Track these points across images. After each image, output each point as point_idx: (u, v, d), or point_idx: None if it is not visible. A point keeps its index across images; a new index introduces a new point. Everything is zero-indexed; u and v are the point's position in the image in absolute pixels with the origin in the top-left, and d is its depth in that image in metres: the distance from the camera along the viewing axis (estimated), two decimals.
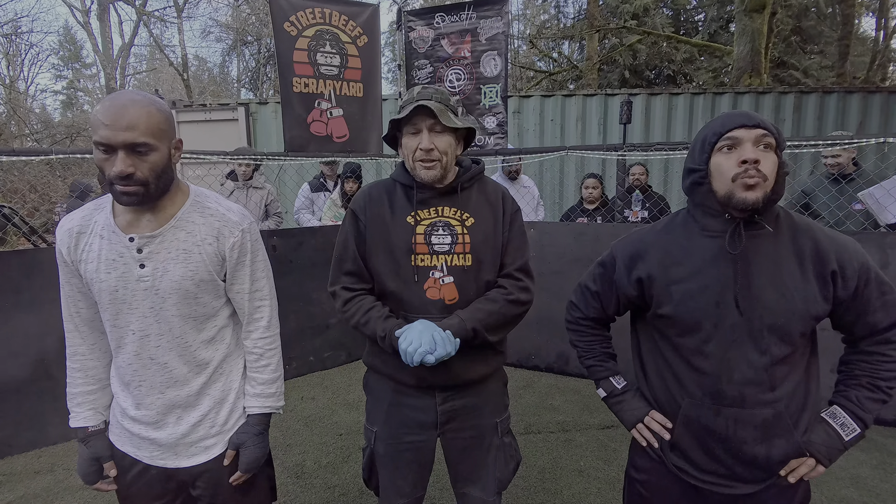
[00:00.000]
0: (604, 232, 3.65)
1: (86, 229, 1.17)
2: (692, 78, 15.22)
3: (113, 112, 1.03)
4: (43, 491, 2.43)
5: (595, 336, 1.39)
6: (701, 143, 1.12)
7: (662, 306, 1.17)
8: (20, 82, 19.35)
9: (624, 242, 1.29)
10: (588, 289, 1.36)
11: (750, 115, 1.07)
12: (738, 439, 1.11)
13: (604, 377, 1.36)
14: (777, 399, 1.09)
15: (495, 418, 1.49)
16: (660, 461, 1.25)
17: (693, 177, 1.14)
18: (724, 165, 1.07)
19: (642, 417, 1.27)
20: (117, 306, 1.16)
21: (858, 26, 14.95)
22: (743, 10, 9.33)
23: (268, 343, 1.33)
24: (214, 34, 21.50)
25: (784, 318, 1.07)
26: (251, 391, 1.32)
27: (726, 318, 1.10)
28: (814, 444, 1.11)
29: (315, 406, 3.35)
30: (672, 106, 7.29)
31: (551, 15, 17.98)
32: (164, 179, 1.12)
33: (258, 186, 4.35)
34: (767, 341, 1.08)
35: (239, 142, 7.07)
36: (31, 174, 10.21)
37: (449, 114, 1.33)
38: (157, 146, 1.08)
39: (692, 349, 1.14)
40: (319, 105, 3.91)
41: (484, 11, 4.05)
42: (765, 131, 1.05)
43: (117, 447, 1.26)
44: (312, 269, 3.83)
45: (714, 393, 1.12)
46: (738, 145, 1.06)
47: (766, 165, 1.04)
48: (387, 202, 1.41)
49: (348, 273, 1.42)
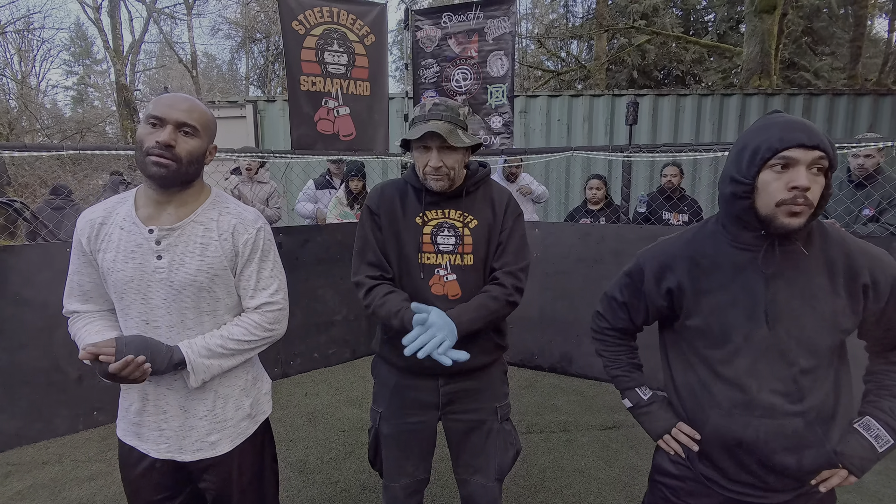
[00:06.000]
0: (609, 233, 3.65)
1: (107, 220, 1.22)
2: (701, 79, 15.12)
3: (173, 98, 1.19)
4: (51, 481, 2.47)
5: (621, 346, 1.38)
6: (751, 154, 1.03)
7: (692, 317, 1.16)
8: (32, 78, 19.55)
9: (651, 252, 1.26)
10: (615, 299, 1.33)
11: (810, 133, 0.97)
12: (769, 449, 1.09)
13: (630, 388, 1.35)
14: (806, 410, 1.07)
15: (495, 403, 1.55)
16: (688, 468, 1.24)
17: (736, 188, 1.06)
18: (773, 186, 1.00)
19: (669, 429, 1.25)
20: (131, 296, 1.19)
21: (871, 28, 14.79)
22: (753, 11, 9.26)
23: (255, 328, 1.27)
24: (224, 31, 21.62)
25: (812, 331, 1.06)
26: (203, 339, 1.22)
27: (755, 331, 1.08)
28: (847, 455, 1.09)
29: (318, 402, 3.38)
30: (680, 107, 7.25)
31: (560, 14, 17.93)
32: (193, 169, 1.21)
33: (263, 181, 4.43)
34: (795, 354, 1.06)
35: (247, 139, 7.11)
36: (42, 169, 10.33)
37: (458, 132, 1.38)
38: (200, 135, 1.20)
39: (720, 360, 1.13)
40: (326, 103, 3.94)
41: (491, 11, 4.05)
42: (822, 153, 0.97)
43: (125, 441, 1.29)
44: (318, 266, 3.86)
45: (743, 404, 1.11)
46: (792, 166, 0.98)
47: (814, 191, 0.98)
48: (399, 202, 1.49)
49: (370, 264, 1.48)
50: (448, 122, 1.37)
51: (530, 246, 4.13)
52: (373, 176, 4.80)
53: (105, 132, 19.01)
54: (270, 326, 1.29)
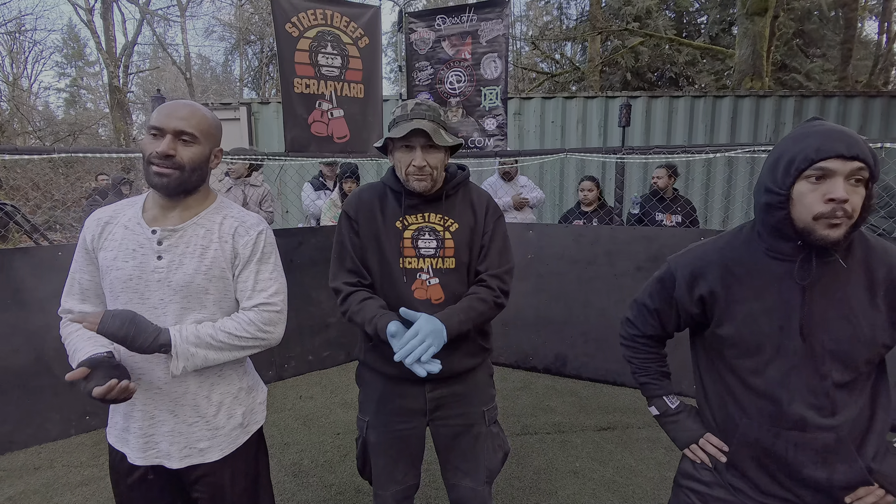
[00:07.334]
0: (602, 234, 3.66)
1: (113, 220, 1.24)
2: (694, 80, 15.22)
3: (172, 106, 1.20)
4: (42, 487, 2.45)
5: (651, 354, 1.35)
6: (787, 165, 0.99)
7: (723, 325, 1.14)
8: (23, 80, 19.41)
9: (684, 258, 1.23)
10: (646, 306, 1.31)
11: (849, 143, 0.94)
12: (798, 462, 1.07)
13: (657, 395, 1.33)
14: (839, 424, 1.05)
15: (482, 407, 1.55)
16: (717, 475, 1.22)
17: (770, 198, 1.03)
18: (809, 198, 0.97)
19: (696, 439, 1.24)
20: (128, 295, 1.19)
21: (861, 30, 14.94)
22: (745, 13, 9.34)
23: (249, 325, 1.24)
24: (217, 33, 21.60)
25: (848, 344, 1.03)
26: (194, 327, 1.19)
27: (788, 343, 1.06)
28: (885, 475, 1.07)
29: (313, 405, 3.37)
30: (672, 109, 7.30)
31: (554, 16, 18.00)
32: (197, 175, 1.22)
33: (255, 184, 4.44)
34: (829, 367, 1.04)
35: (241, 141, 7.09)
36: (34, 172, 10.25)
37: (441, 131, 1.39)
38: (200, 141, 1.21)
39: (751, 370, 1.11)
40: (320, 106, 3.94)
41: (485, 14, 4.07)
42: (862, 164, 0.94)
43: (116, 448, 1.28)
44: (312, 268, 3.85)
45: (773, 416, 1.09)
46: (830, 177, 0.95)
47: (853, 202, 0.95)
48: (378, 206, 1.48)
49: (348, 270, 1.48)
50: (431, 121, 1.37)
51: (524, 247, 4.14)
52: (367, 178, 4.81)
53: (98, 134, 18.92)
54: (265, 328, 1.26)
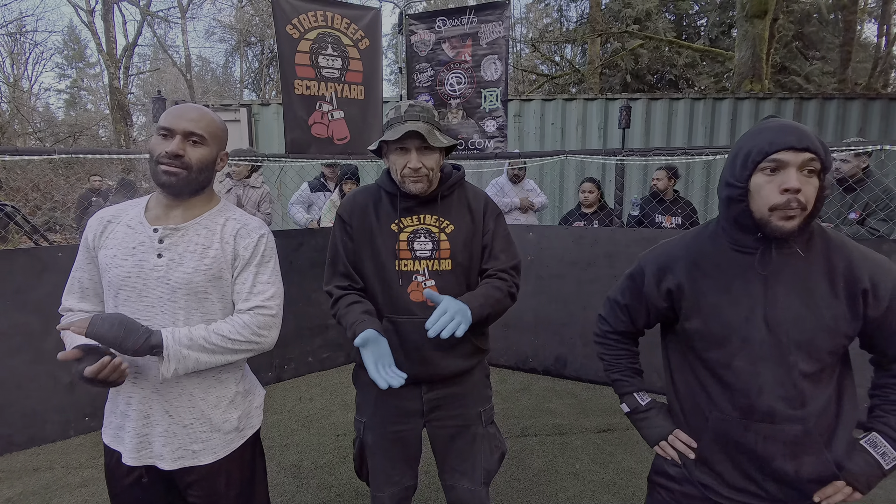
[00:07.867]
0: (602, 236, 3.66)
1: (116, 219, 1.26)
2: (694, 82, 15.25)
3: (182, 108, 1.23)
4: (42, 488, 2.45)
5: (622, 350, 1.38)
6: (743, 158, 1.05)
7: (691, 319, 1.16)
8: (24, 81, 19.43)
9: (652, 254, 1.27)
10: (617, 302, 1.34)
11: (800, 136, 0.99)
12: (768, 455, 1.09)
13: (628, 392, 1.34)
14: (806, 416, 1.07)
15: (479, 408, 1.55)
16: (686, 472, 1.23)
17: (731, 191, 1.08)
18: (765, 189, 1.02)
19: (665, 436, 1.26)
20: (126, 293, 1.19)
21: (860, 33, 15.00)
22: (744, 16, 9.35)
23: (243, 328, 1.23)
24: (218, 35, 21.63)
25: (811, 334, 1.06)
26: (187, 329, 1.19)
27: (755, 334, 1.08)
28: (853, 473, 1.08)
29: (313, 407, 3.37)
30: (672, 111, 7.31)
31: (554, 19, 18.04)
32: (203, 176, 1.25)
33: (255, 186, 4.43)
34: (795, 357, 1.06)
35: (241, 143, 7.10)
36: (34, 173, 10.26)
37: (435, 132, 1.39)
38: (208, 143, 1.24)
39: (720, 363, 1.13)
40: (321, 107, 3.94)
41: (485, 16, 4.08)
42: (812, 155, 0.99)
43: (111, 447, 1.27)
44: (312, 270, 3.85)
45: (743, 408, 1.10)
46: (783, 168, 1.00)
47: (806, 192, 0.99)
48: (372, 209, 1.48)
49: (341, 275, 1.49)
50: (425, 122, 1.37)
51: (524, 249, 4.14)
52: (367, 179, 4.81)
53: (98, 136, 18.94)
54: (259, 331, 1.25)
